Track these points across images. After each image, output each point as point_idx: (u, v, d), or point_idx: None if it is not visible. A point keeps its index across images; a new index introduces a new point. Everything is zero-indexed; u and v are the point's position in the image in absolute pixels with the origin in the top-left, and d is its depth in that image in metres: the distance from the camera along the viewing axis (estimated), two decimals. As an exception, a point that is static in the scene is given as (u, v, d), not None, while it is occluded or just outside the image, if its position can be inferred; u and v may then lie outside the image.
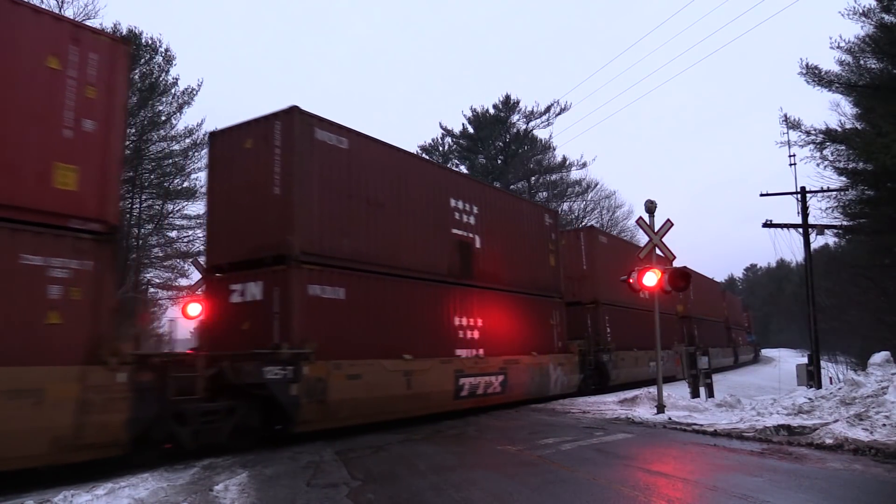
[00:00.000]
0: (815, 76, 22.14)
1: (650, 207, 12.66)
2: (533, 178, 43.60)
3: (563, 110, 43.09)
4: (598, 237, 20.57)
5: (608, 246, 21.05)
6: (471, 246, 13.45)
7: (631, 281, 12.43)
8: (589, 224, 38.59)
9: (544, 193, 43.73)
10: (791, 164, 20.61)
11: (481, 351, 13.13)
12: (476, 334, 13.13)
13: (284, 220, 9.46)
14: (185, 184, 27.41)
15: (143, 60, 26.59)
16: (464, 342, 12.77)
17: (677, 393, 14.38)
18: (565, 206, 43.92)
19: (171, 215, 27.52)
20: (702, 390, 14.79)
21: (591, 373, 18.36)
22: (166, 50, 26.93)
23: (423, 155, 39.19)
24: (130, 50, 11.50)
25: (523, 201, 18.39)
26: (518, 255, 15.24)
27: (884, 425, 8.13)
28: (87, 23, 20.22)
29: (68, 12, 21.64)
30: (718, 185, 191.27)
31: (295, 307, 9.13)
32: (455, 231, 13.06)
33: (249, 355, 8.83)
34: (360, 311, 10.28)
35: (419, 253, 11.88)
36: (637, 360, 21.59)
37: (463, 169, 42.62)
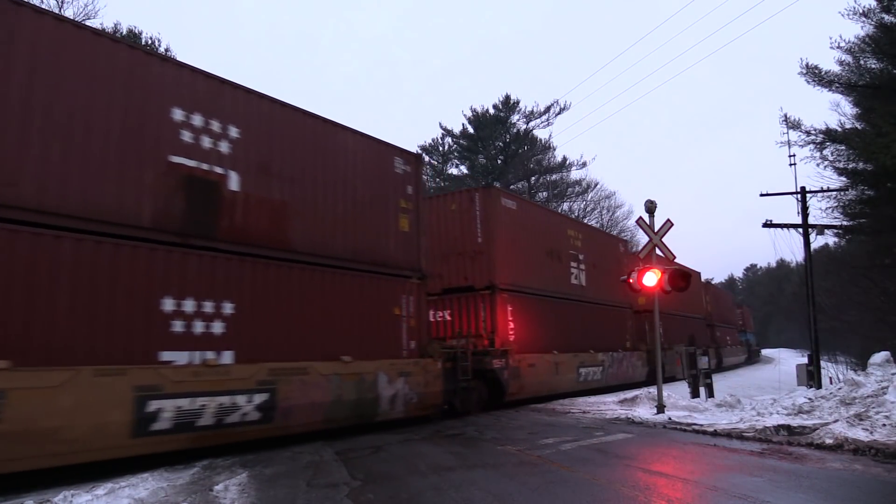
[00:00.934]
0: (816, 76, 22.17)
1: (650, 207, 12.67)
2: (533, 178, 43.66)
3: (562, 110, 43.26)
4: (499, 200, 15.38)
5: (517, 213, 16.00)
6: (217, 187, 8.73)
7: (631, 281, 12.43)
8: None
9: (544, 193, 43.79)
10: (791, 164, 20.64)
11: (227, 354, 8.42)
12: (219, 327, 8.40)
13: None
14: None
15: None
16: (185, 340, 8.02)
17: (677, 393, 14.40)
18: (565, 205, 43.98)
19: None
20: (702, 390, 14.80)
21: (473, 384, 13.23)
22: (166, 49, 26.99)
23: (424, 154, 39.22)
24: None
25: (350, 132, 11.24)
26: (330, 209, 10.37)
27: (884, 425, 8.13)
28: (87, 23, 20.25)
29: (68, 12, 21.66)
30: (718, 185, 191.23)
31: None
32: (179, 160, 8.31)
33: None
34: None
35: (73, 183, 7.18)
36: (557, 367, 16.38)
37: (463, 169, 42.60)
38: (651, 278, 11.96)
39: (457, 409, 12.92)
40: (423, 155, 14.74)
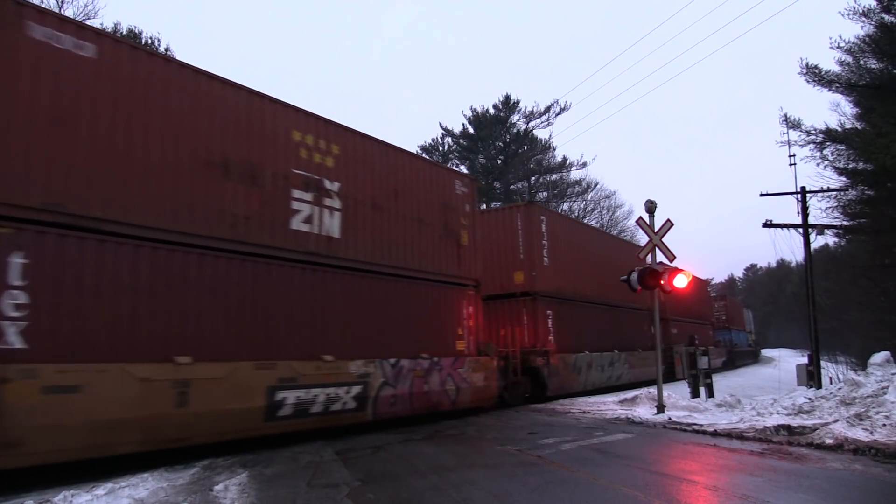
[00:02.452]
0: (815, 76, 22.18)
1: (650, 207, 12.67)
2: (533, 178, 43.67)
3: (563, 110, 43.26)
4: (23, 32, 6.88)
5: (95, 65, 7.54)
6: None
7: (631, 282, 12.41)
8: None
9: (544, 193, 43.80)
10: (791, 164, 20.65)
11: None
12: None
13: None
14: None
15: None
16: None
17: (677, 393, 14.41)
18: (565, 205, 43.99)
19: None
20: (702, 390, 14.82)
21: None
22: (166, 49, 27.00)
23: (424, 155, 39.23)
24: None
25: None
26: None
27: (884, 425, 8.14)
28: (88, 22, 20.26)
29: (68, 12, 21.66)
30: (719, 185, 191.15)
31: None
32: None
33: None
34: None
35: None
36: (185, 391, 7.80)
37: (464, 169, 42.58)
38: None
39: None
40: None
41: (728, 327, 41.67)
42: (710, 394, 14.74)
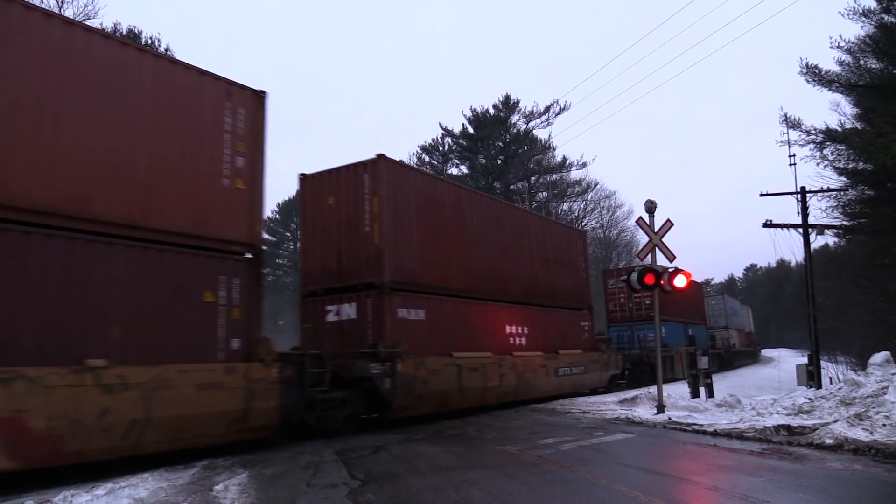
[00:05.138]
0: (815, 76, 22.17)
1: (650, 207, 12.66)
2: (533, 178, 43.69)
3: (562, 110, 43.28)
4: None
5: None
6: None
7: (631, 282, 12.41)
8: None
9: (544, 193, 43.84)
10: (791, 164, 20.65)
11: None
12: None
13: None
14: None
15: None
16: None
17: (677, 393, 14.42)
18: (565, 205, 44.04)
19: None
20: (702, 390, 14.83)
21: None
22: (166, 49, 27.06)
23: (424, 155, 39.31)
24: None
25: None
26: None
27: (884, 425, 8.13)
28: (88, 23, 20.23)
29: (68, 12, 21.67)
30: (719, 185, 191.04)
31: None
32: None
33: None
34: None
35: None
36: None
37: (464, 169, 42.64)
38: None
39: None
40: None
41: (649, 318, 22.65)
42: (710, 394, 14.76)
